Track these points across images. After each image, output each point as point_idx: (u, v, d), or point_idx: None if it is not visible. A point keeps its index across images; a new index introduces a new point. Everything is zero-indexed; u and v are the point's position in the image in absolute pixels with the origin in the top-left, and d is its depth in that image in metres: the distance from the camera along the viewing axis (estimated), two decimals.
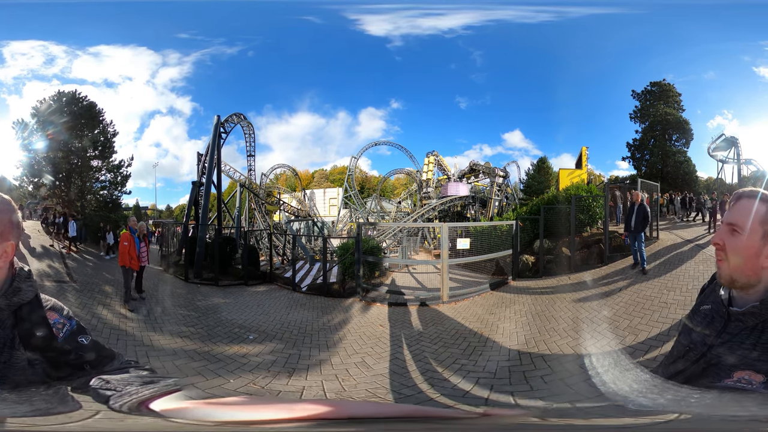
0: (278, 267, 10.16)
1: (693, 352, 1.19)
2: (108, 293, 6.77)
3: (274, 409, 0.96)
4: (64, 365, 1.17)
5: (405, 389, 3.96)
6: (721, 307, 1.18)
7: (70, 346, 1.18)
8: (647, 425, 1.05)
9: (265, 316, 6.66)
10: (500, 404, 3.47)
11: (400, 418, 0.97)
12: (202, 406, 0.94)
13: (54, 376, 1.16)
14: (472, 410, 2.41)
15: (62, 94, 8.98)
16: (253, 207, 12.79)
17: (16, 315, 1.14)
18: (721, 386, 1.06)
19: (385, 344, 5.32)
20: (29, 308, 1.16)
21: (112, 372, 1.18)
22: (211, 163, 9.58)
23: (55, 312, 1.21)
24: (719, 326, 1.15)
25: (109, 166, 9.56)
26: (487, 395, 3.68)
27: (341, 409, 0.92)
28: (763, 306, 1.08)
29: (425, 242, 12.16)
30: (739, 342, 1.09)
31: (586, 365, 3.89)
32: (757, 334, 1.07)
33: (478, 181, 13.36)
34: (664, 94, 10.53)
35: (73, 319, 1.24)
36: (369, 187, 15.09)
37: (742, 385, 1.03)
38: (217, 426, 0.85)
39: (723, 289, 1.21)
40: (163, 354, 4.77)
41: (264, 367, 4.54)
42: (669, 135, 10.73)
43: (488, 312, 6.22)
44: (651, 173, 10.48)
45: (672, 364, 1.26)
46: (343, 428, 0.86)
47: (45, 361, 1.15)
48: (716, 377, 1.09)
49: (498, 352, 4.64)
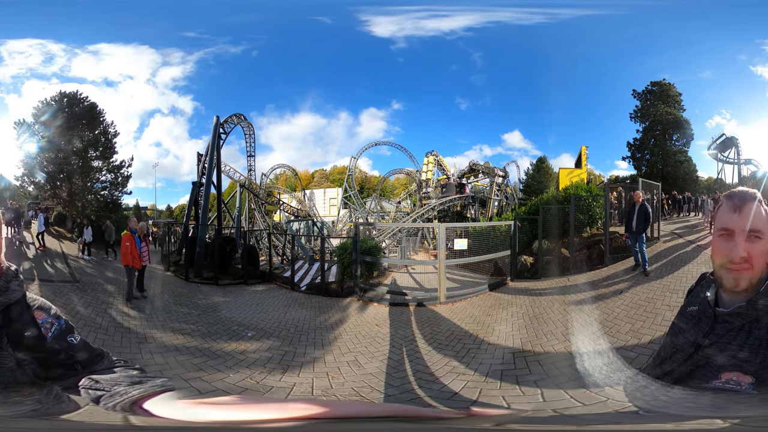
0: (277, 267, 10.20)
1: (681, 353, 1.19)
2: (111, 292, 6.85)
3: (265, 408, 0.96)
4: (55, 365, 1.15)
5: (391, 389, 3.98)
6: (707, 308, 1.17)
7: (59, 346, 1.16)
8: (642, 430, 1.05)
9: (263, 315, 6.72)
10: (488, 405, 3.47)
11: (387, 417, 0.97)
12: (192, 405, 0.93)
13: (44, 376, 1.14)
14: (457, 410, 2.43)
15: (63, 94, 9.03)
16: (253, 207, 12.83)
17: (3, 315, 1.12)
18: (710, 387, 1.06)
19: (378, 344, 5.35)
20: (17, 308, 1.14)
21: (102, 371, 1.17)
22: (211, 164, 9.62)
23: (43, 311, 1.19)
24: (706, 327, 1.14)
25: (110, 166, 9.60)
26: (475, 397, 3.68)
27: (333, 410, 0.93)
28: (749, 306, 1.07)
29: (424, 242, 12.16)
30: (726, 343, 1.08)
31: (580, 368, 3.87)
32: (744, 335, 1.07)
33: (478, 181, 13.35)
34: (665, 94, 10.48)
35: (61, 318, 1.22)
36: (369, 187, 15.09)
37: (731, 386, 1.03)
38: (208, 426, 0.86)
39: (710, 290, 1.20)
40: (164, 350, 4.88)
41: (260, 364, 4.66)
42: (669, 135, 10.68)
43: (485, 313, 6.20)
44: (651, 173, 10.44)
45: (660, 365, 1.26)
46: (333, 427, 0.87)
47: (34, 361, 1.13)
48: (704, 378, 1.09)
49: (492, 355, 4.63)
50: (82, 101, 9.23)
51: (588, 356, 4.10)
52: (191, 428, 0.88)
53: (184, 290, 7.85)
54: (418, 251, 11.76)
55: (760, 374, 1.01)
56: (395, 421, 0.95)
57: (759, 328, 1.05)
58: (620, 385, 2.79)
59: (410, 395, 3.84)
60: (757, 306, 1.07)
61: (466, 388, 3.83)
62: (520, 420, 1.19)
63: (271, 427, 0.83)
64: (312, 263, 10.03)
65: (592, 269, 7.50)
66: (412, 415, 1.06)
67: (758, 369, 1.02)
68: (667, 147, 10.65)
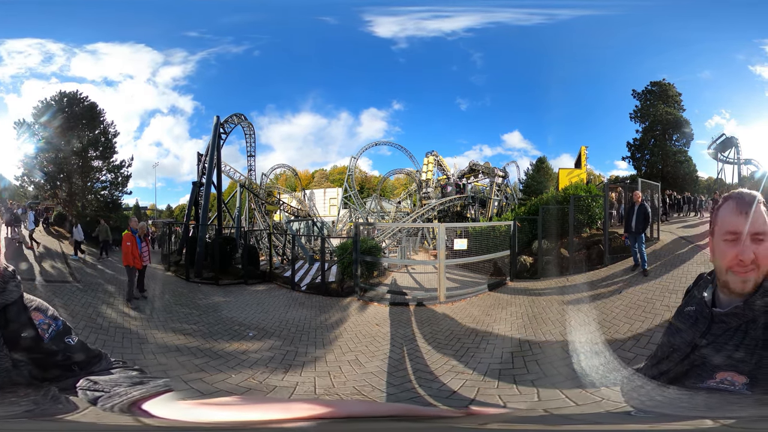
0: (277, 266, 10.21)
1: (677, 353, 1.19)
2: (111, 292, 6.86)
3: (268, 409, 0.97)
4: (52, 366, 1.15)
5: (392, 388, 4.00)
6: (704, 309, 1.18)
7: (57, 347, 1.15)
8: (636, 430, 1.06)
9: (264, 315, 6.73)
10: (486, 404, 3.48)
11: (390, 417, 0.98)
12: (193, 406, 0.93)
13: (41, 377, 1.13)
14: (456, 409, 2.42)
15: (63, 94, 9.02)
16: (253, 207, 12.83)
17: (0, 315, 1.11)
18: (704, 387, 1.07)
19: (379, 343, 5.36)
20: (14, 308, 1.13)
21: (100, 372, 1.17)
22: (211, 164, 9.62)
23: (40, 312, 1.18)
24: (703, 327, 1.15)
25: (110, 166, 9.61)
26: (473, 395, 3.69)
27: (337, 410, 0.93)
28: (746, 307, 1.08)
29: (424, 242, 12.17)
30: (722, 343, 1.09)
31: (578, 368, 3.88)
32: (740, 335, 1.07)
33: (478, 181, 13.36)
34: (665, 94, 10.48)
35: (58, 319, 1.21)
36: (369, 187, 15.10)
37: (725, 386, 1.03)
38: (209, 427, 0.86)
39: (707, 290, 1.21)
40: (165, 351, 4.88)
41: (262, 363, 4.66)
42: (669, 135, 10.69)
43: (484, 313, 6.21)
44: (651, 173, 10.44)
45: (656, 365, 1.27)
46: (338, 427, 0.88)
47: (31, 362, 1.12)
48: (699, 378, 1.10)
49: (491, 354, 4.63)
50: (82, 101, 9.24)
51: (585, 356, 4.11)
52: (192, 429, 0.88)
53: (185, 290, 7.86)
54: (418, 251, 11.77)
55: (754, 375, 1.02)
56: (398, 421, 0.96)
57: (755, 329, 1.06)
58: (617, 385, 2.80)
59: (410, 394, 3.85)
60: (754, 306, 1.07)
61: (465, 387, 3.84)
62: (517, 419, 1.20)
63: (276, 428, 0.83)
64: (312, 263, 10.04)
65: (591, 269, 7.51)
66: (414, 414, 1.07)
67: (753, 369, 1.02)
68: (667, 147, 10.65)
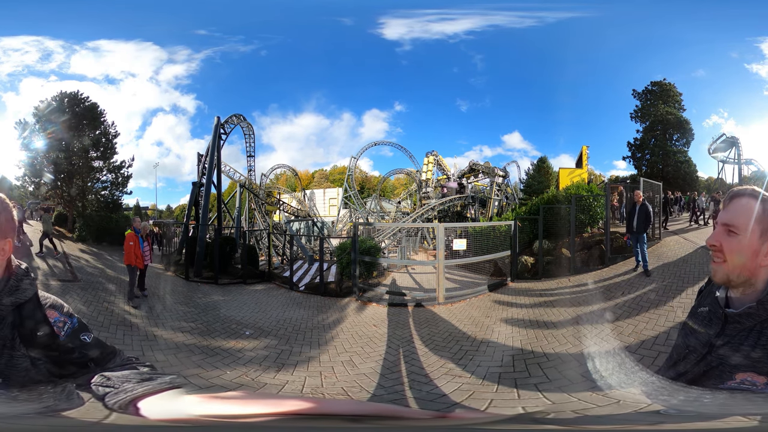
0: (277, 266, 10.21)
1: (693, 354, 1.18)
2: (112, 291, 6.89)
3: (263, 404, 0.98)
4: (69, 364, 1.16)
5: (380, 389, 4.00)
6: (718, 309, 1.16)
7: (73, 345, 1.16)
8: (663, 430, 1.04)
9: (262, 314, 6.75)
10: (472, 409, 3.43)
11: (369, 416, 0.98)
12: (200, 402, 0.95)
13: (58, 374, 1.15)
14: (428, 412, 2.41)
15: (64, 94, 9.05)
16: (253, 207, 12.85)
17: (15, 313, 1.12)
18: (725, 388, 1.04)
19: (374, 344, 5.35)
20: (29, 306, 1.14)
21: (115, 369, 1.18)
22: (211, 164, 9.64)
23: (55, 310, 1.19)
24: (717, 328, 1.13)
25: (111, 166, 9.64)
26: (465, 399, 3.64)
27: (319, 406, 0.95)
28: (760, 307, 1.06)
29: (424, 242, 12.15)
30: (738, 343, 1.07)
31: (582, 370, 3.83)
32: (755, 335, 1.05)
33: (478, 181, 13.34)
34: (665, 94, 10.45)
35: (74, 316, 1.22)
36: (369, 187, 15.11)
37: (746, 386, 1.01)
38: (215, 421, 0.87)
39: (720, 290, 1.18)
40: (165, 348, 4.96)
41: (256, 362, 4.72)
42: (669, 135, 10.65)
43: (484, 314, 6.17)
44: (651, 173, 10.40)
45: (672, 366, 1.25)
46: (317, 423, 0.90)
47: (48, 359, 1.13)
48: (718, 379, 1.08)
49: (490, 357, 4.59)
50: (83, 101, 9.26)
51: (589, 358, 4.07)
52: (197, 424, 0.89)
53: (184, 289, 7.88)
54: (418, 251, 11.75)
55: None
56: (380, 419, 0.95)
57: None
58: (628, 387, 2.75)
59: (397, 396, 3.84)
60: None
61: (458, 391, 3.79)
62: (496, 423, 1.18)
63: (262, 422, 0.85)
64: (311, 263, 10.04)
65: (592, 270, 7.48)
66: (396, 415, 1.07)
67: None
68: (667, 147, 10.63)
